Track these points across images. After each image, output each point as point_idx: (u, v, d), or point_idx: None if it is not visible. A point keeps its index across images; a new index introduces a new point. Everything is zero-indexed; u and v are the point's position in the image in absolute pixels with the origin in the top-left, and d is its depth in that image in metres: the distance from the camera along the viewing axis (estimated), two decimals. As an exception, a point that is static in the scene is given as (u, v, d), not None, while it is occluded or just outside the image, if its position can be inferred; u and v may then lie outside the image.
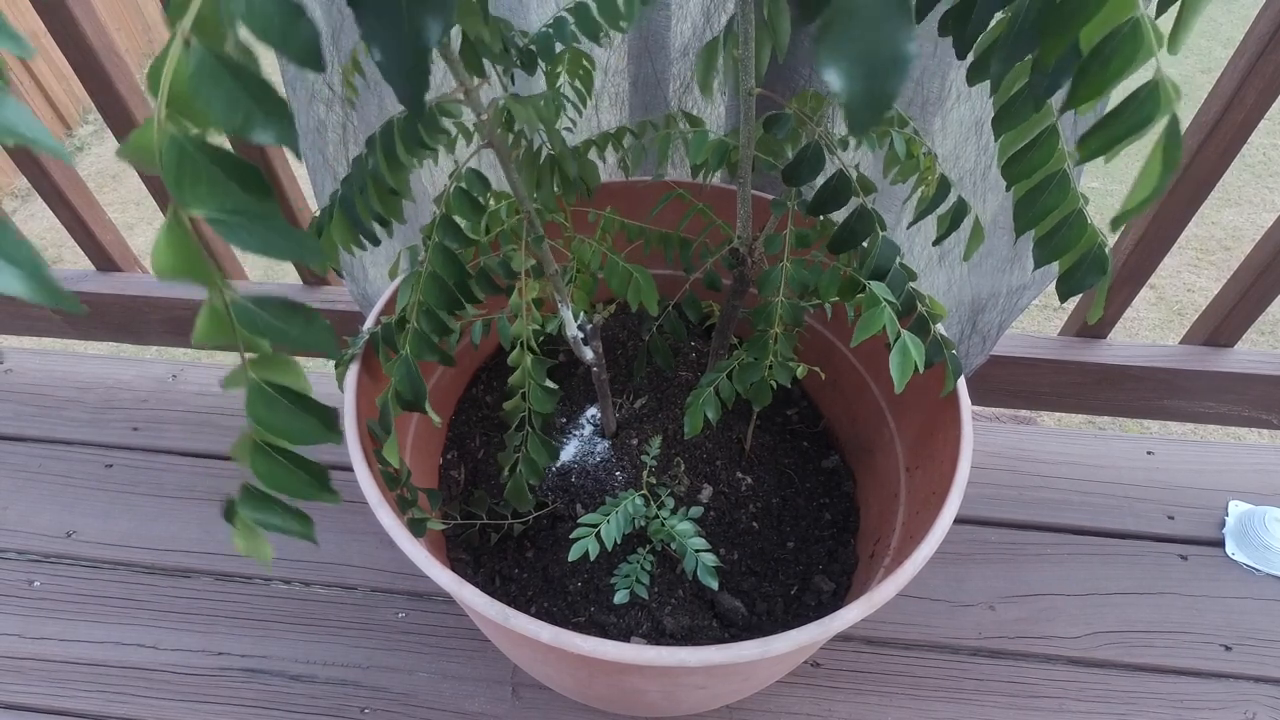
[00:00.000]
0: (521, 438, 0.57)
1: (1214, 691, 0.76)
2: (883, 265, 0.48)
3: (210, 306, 0.22)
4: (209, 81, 0.19)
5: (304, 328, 0.23)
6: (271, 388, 0.24)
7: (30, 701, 0.76)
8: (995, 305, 0.87)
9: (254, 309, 0.22)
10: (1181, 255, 2.35)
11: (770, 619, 0.67)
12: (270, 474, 0.25)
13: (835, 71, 0.18)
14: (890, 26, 0.18)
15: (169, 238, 0.20)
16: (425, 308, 0.46)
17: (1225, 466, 0.94)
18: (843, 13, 0.18)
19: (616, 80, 0.76)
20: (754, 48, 0.44)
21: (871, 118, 0.19)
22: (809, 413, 0.84)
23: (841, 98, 0.19)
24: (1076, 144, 0.29)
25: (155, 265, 0.20)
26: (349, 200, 0.45)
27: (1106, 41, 0.26)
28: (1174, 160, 0.26)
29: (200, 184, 0.20)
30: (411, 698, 0.75)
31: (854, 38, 0.18)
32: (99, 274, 1.05)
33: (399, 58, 0.20)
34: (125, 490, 0.93)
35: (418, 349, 0.47)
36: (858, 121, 0.19)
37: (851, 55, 0.18)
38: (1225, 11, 3.45)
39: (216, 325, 0.22)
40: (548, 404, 0.55)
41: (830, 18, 0.18)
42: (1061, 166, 0.38)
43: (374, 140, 0.43)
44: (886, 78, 0.18)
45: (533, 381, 0.54)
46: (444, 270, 0.46)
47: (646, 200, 0.75)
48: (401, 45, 0.20)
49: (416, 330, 0.47)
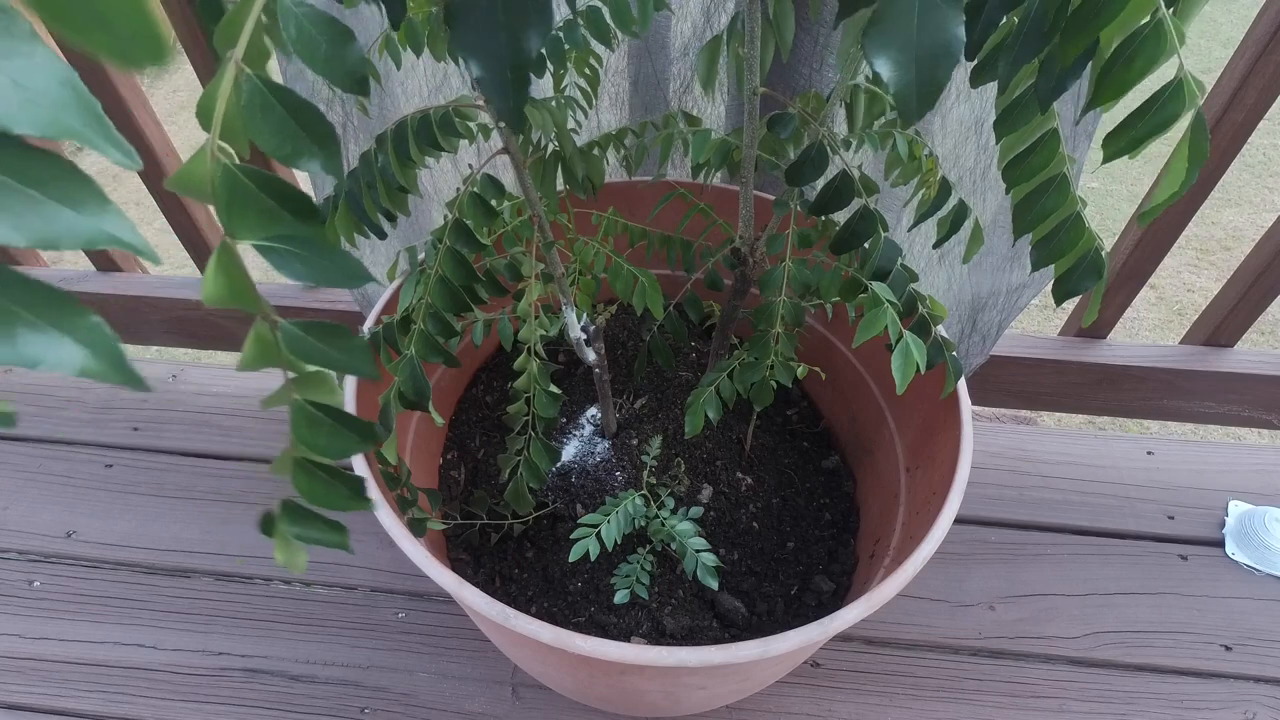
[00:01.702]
0: (524, 442, 0.57)
1: (1214, 691, 0.76)
2: (884, 266, 0.48)
3: (257, 334, 0.22)
4: (260, 111, 0.19)
5: (346, 351, 0.23)
6: (314, 407, 0.24)
7: (30, 701, 0.76)
8: (995, 304, 0.87)
9: (301, 334, 0.22)
10: (1181, 255, 2.35)
11: (770, 619, 0.67)
12: (312, 490, 0.26)
13: (885, 61, 0.18)
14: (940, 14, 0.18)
15: (219, 267, 0.20)
16: (432, 310, 0.46)
17: (1225, 466, 0.94)
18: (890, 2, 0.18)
19: (617, 80, 0.76)
20: (760, 46, 0.44)
21: (922, 107, 0.19)
22: (809, 413, 0.84)
23: (891, 88, 0.19)
24: (1101, 144, 0.30)
25: (206, 294, 0.20)
26: (355, 195, 0.45)
27: (1129, 41, 0.26)
28: (1201, 155, 0.26)
29: (250, 213, 0.20)
30: (411, 698, 0.75)
31: (904, 26, 0.18)
32: (99, 274, 1.05)
33: (499, 72, 0.20)
34: (125, 490, 0.93)
35: (423, 350, 0.47)
36: (908, 111, 0.19)
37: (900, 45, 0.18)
38: (1225, 11, 3.45)
39: (263, 351, 0.22)
40: (551, 409, 0.55)
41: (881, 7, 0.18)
42: (1061, 169, 0.38)
43: (385, 138, 0.43)
44: (937, 66, 0.18)
45: (538, 387, 0.54)
46: (454, 274, 0.46)
47: (648, 200, 0.75)
48: (501, 59, 0.20)
49: (422, 332, 0.47)
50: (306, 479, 0.26)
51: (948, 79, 0.19)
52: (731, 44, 0.48)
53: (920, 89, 0.18)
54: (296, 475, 0.26)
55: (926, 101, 0.19)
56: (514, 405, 0.56)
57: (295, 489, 0.26)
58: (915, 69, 0.18)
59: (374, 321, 0.64)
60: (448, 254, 0.46)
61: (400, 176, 0.42)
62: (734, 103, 0.77)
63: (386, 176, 0.43)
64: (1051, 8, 0.25)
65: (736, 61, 0.47)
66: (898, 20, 0.18)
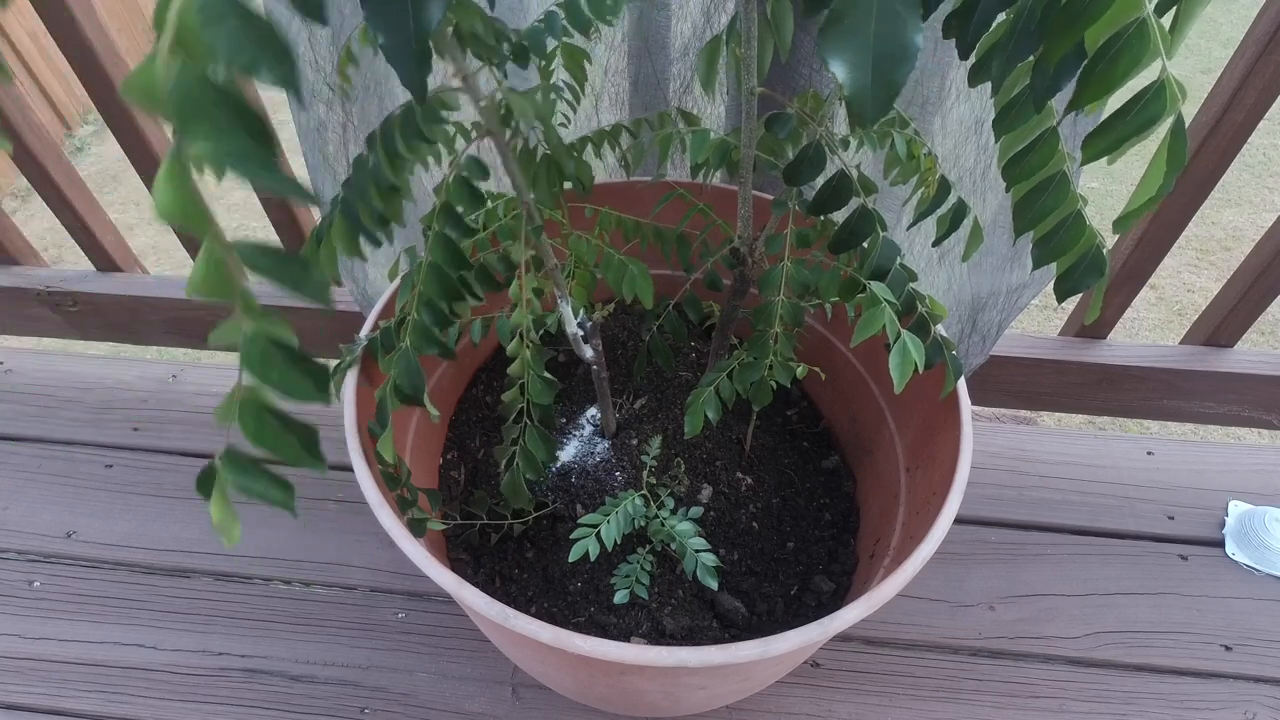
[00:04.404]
0: (519, 430, 0.56)
1: (1214, 691, 0.76)
2: (883, 265, 0.48)
3: (208, 253, 0.21)
4: (215, 18, 0.19)
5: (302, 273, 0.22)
6: (268, 339, 0.23)
7: (30, 701, 0.76)
8: (995, 304, 0.87)
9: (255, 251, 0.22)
10: (1181, 255, 2.35)
11: (770, 619, 0.67)
12: (259, 432, 0.24)
13: (840, 64, 0.18)
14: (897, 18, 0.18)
15: (170, 176, 0.20)
16: (425, 299, 0.46)
17: (1225, 466, 0.94)
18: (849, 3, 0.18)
19: (616, 80, 0.76)
20: (757, 46, 0.44)
21: (876, 111, 0.19)
22: (809, 413, 0.84)
23: (845, 90, 0.18)
24: (1081, 145, 0.29)
25: (156, 204, 0.19)
26: (350, 203, 0.45)
27: (1112, 42, 0.26)
28: (1180, 160, 0.26)
29: (204, 122, 0.19)
30: (411, 698, 0.75)
31: (860, 29, 0.18)
32: (99, 274, 1.05)
33: (403, 40, 0.21)
34: (125, 490, 0.93)
35: (418, 341, 0.47)
36: (862, 115, 0.19)
37: (857, 47, 0.18)
38: (1225, 11, 3.45)
39: (214, 273, 0.21)
40: (546, 395, 0.54)
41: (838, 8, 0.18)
42: (1061, 168, 0.38)
43: (374, 138, 0.43)
44: (893, 70, 0.18)
45: (532, 372, 0.54)
46: (445, 260, 0.45)
47: (646, 200, 0.75)
48: (405, 27, 0.21)
49: (417, 322, 0.46)
50: (255, 421, 0.24)
51: (904, 83, 0.18)
52: (731, 44, 0.48)
53: (876, 92, 0.18)
54: (244, 417, 0.24)
55: (882, 105, 0.19)
56: (509, 393, 0.56)
57: (242, 430, 0.24)
58: (871, 72, 0.18)
59: (370, 327, 0.64)
60: (437, 239, 0.45)
61: (390, 173, 0.42)
62: (734, 102, 0.77)
63: (378, 177, 0.43)
64: (1040, 7, 0.25)
65: (736, 61, 0.47)
66: (855, 23, 0.18)
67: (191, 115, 0.19)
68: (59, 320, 1.07)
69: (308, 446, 0.25)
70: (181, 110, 0.19)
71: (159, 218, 0.20)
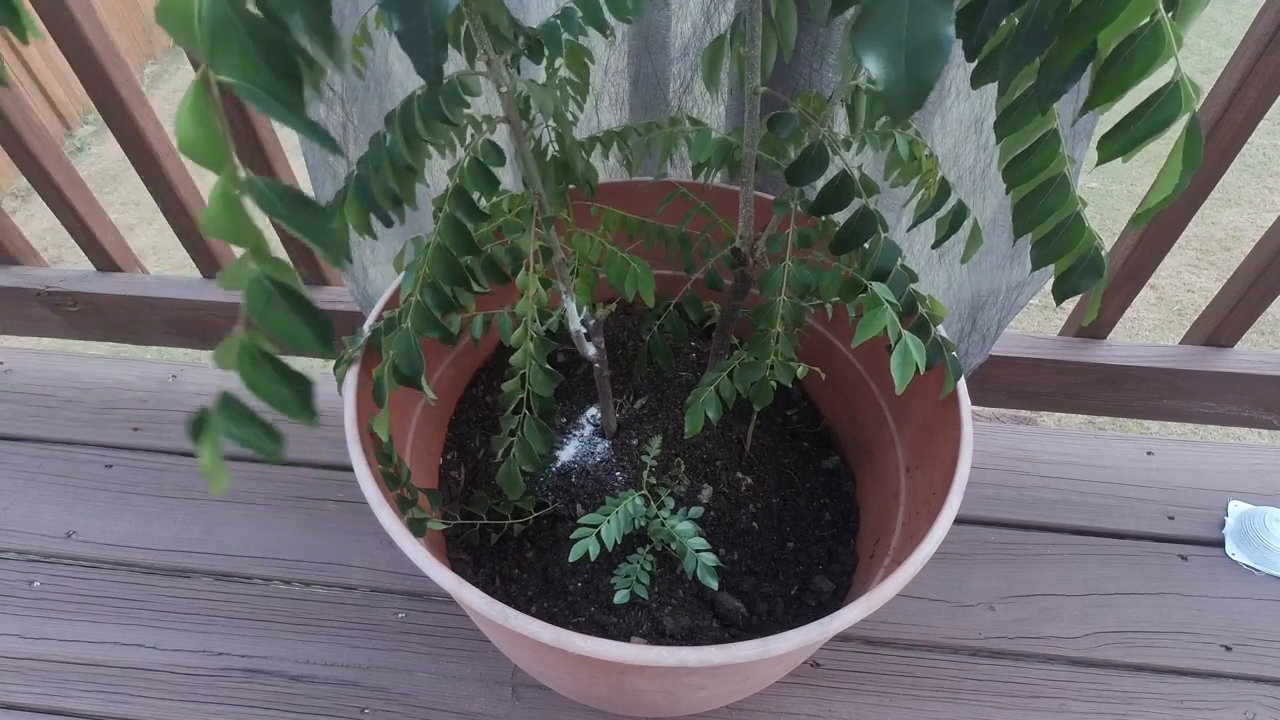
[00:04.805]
0: (518, 421, 0.56)
1: (1214, 691, 0.76)
2: (884, 266, 0.48)
3: (223, 189, 0.21)
4: None
5: (318, 221, 0.22)
6: (272, 283, 0.23)
7: (29, 701, 0.76)
8: (995, 303, 0.87)
9: (269, 190, 0.21)
10: (1181, 255, 2.35)
11: (770, 619, 0.67)
12: (256, 380, 0.24)
13: (874, 58, 0.18)
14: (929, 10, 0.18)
15: (195, 103, 0.19)
16: (430, 281, 0.46)
17: (1225, 467, 0.94)
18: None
19: (617, 80, 0.76)
20: (761, 46, 0.44)
21: (911, 104, 0.19)
22: (809, 413, 0.84)
23: (881, 84, 0.18)
24: (1096, 145, 0.30)
25: (179, 133, 0.19)
26: (364, 180, 0.45)
27: (1127, 43, 0.26)
28: (1195, 159, 0.26)
29: (234, 50, 0.19)
30: (411, 698, 0.75)
31: (893, 23, 0.18)
32: (99, 274, 1.05)
33: (419, 26, 0.21)
34: (125, 490, 0.93)
35: (419, 323, 0.46)
36: (897, 108, 0.19)
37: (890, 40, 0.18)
38: (1225, 11, 3.45)
39: (227, 210, 0.21)
40: (547, 387, 0.54)
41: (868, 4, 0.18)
42: (1061, 170, 0.38)
43: (393, 117, 0.43)
44: (927, 62, 0.18)
45: (534, 363, 0.54)
46: (453, 243, 0.45)
47: (648, 200, 0.75)
48: (421, 15, 0.20)
49: (419, 304, 0.46)
50: (252, 367, 0.24)
51: (938, 76, 0.18)
52: (734, 44, 0.48)
53: (910, 86, 0.18)
54: (242, 361, 0.24)
55: (916, 99, 0.19)
56: (509, 383, 0.55)
57: (239, 375, 0.24)
58: (905, 66, 0.18)
59: (375, 318, 0.64)
60: (448, 221, 0.45)
61: (407, 154, 0.42)
62: (734, 102, 0.77)
63: (394, 156, 0.43)
64: (1051, 8, 0.25)
65: (738, 61, 0.47)
66: (888, 16, 0.18)
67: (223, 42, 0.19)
68: (59, 320, 1.07)
69: (301, 398, 0.25)
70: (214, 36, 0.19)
71: (180, 149, 0.20)
